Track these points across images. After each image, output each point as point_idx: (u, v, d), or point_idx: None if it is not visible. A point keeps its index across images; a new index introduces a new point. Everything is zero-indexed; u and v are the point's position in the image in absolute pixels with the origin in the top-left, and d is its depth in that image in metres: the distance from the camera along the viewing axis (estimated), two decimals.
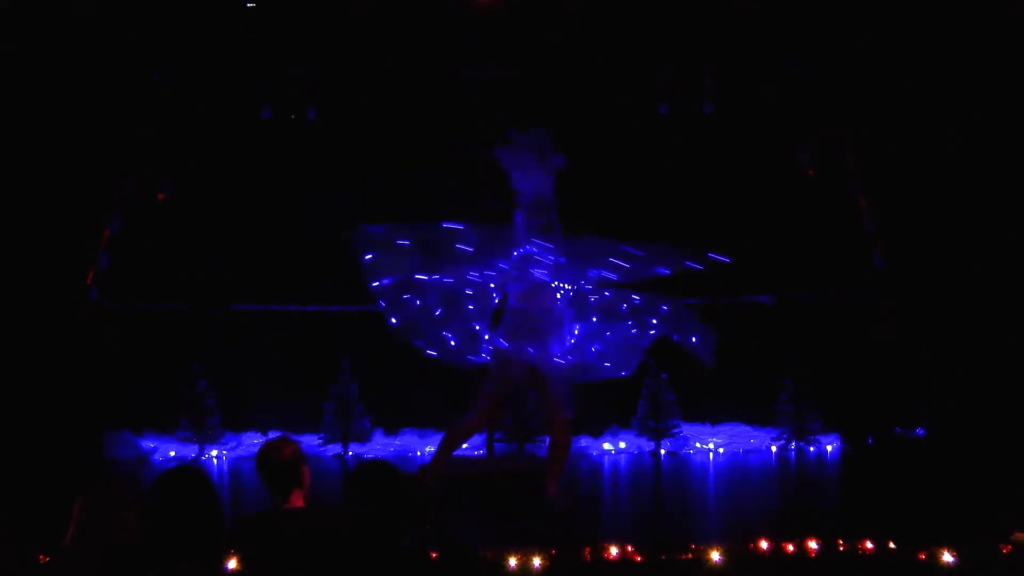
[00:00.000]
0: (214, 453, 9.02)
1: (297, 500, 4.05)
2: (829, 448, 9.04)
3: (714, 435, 9.19)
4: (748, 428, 9.22)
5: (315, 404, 9.19)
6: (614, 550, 5.07)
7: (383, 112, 8.98)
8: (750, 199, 8.95)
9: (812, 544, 5.13)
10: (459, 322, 6.49)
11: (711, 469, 8.50)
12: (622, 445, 9.16)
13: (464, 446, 9.05)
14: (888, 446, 8.11)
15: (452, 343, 6.46)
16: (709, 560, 4.99)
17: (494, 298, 6.58)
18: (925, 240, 7.92)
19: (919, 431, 8.02)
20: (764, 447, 9.11)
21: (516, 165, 6.50)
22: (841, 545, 5.13)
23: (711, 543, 5.12)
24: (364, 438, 9.14)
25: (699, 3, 7.96)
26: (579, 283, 6.48)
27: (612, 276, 6.45)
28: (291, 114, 8.82)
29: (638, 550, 5.09)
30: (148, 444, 8.93)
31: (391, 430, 9.28)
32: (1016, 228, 7.54)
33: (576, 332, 6.51)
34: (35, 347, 7.65)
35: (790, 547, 5.13)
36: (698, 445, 9.13)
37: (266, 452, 4.11)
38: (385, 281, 6.39)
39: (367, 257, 6.37)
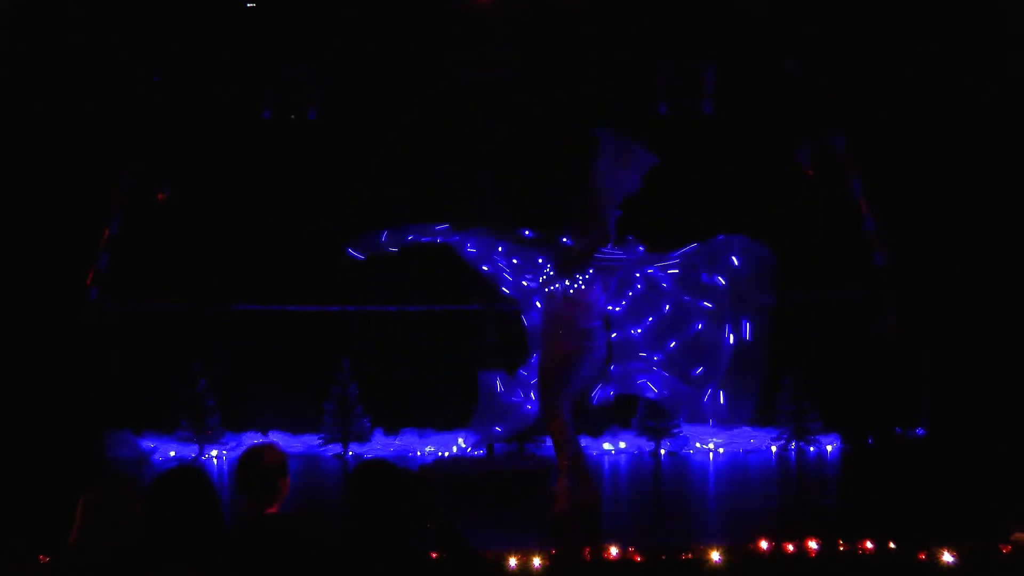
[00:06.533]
0: (214, 453, 9.01)
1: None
2: (829, 448, 9.04)
3: (714, 435, 9.18)
4: (748, 428, 9.21)
5: (315, 404, 9.19)
6: (614, 550, 5.08)
7: (383, 112, 8.98)
8: (750, 199, 8.94)
9: (812, 544, 5.14)
10: None
11: (711, 469, 8.50)
12: (622, 445, 9.15)
13: (465, 446, 9.14)
14: (888, 446, 8.11)
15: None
16: (709, 560, 5.00)
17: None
18: (925, 240, 7.92)
19: (919, 431, 8.02)
20: (764, 447, 9.11)
21: (615, 155, 6.42)
22: (841, 545, 5.14)
23: (711, 543, 5.13)
24: (364, 438, 9.14)
25: (699, 3, 7.96)
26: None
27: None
28: (291, 114, 8.82)
29: (638, 550, 5.10)
30: (148, 444, 8.92)
31: (391, 430, 9.28)
32: (1016, 228, 7.54)
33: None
34: (36, 347, 7.65)
35: (790, 547, 5.14)
36: (698, 445, 9.12)
37: (246, 458, 3.84)
38: None
39: None
